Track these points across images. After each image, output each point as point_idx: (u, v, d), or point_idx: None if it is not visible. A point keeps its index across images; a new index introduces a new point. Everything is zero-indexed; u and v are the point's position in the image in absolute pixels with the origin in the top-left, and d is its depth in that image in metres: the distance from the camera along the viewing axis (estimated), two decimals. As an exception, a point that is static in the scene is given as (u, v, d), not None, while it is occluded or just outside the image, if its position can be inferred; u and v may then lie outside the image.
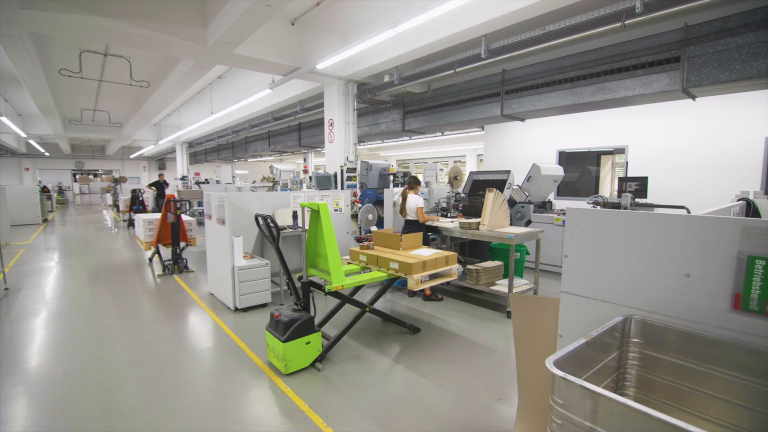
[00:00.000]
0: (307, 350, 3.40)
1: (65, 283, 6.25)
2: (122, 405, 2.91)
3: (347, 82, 7.14)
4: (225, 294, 5.08)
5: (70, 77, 8.35)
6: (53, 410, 2.85)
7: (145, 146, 22.58)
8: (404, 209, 5.51)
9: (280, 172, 17.40)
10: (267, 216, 3.55)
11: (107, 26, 4.73)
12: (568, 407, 1.32)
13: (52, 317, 4.75)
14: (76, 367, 3.49)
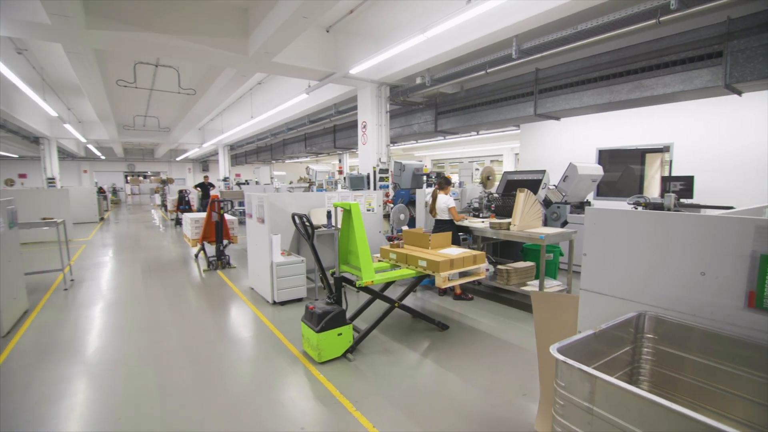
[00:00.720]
0: (339, 341, 3.66)
1: (121, 276, 6.93)
2: (174, 383, 3.30)
3: (380, 85, 7.39)
4: (264, 288, 5.47)
5: (126, 87, 9.19)
6: (116, 385, 3.29)
7: (190, 149, 24.01)
8: (434, 209, 5.64)
9: (315, 173, 17.97)
10: (303, 215, 3.85)
11: (159, 41, 5.26)
12: (569, 389, 1.47)
13: (111, 306, 5.34)
14: (134, 350, 3.96)
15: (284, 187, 14.72)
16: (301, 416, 2.83)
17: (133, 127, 15.60)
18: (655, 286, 2.05)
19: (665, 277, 2.02)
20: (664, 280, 2.03)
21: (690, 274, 1.94)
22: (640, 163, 8.75)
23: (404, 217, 7.11)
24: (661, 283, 2.04)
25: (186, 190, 13.44)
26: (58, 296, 5.77)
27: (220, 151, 21.53)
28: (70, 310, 5.17)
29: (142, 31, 5.05)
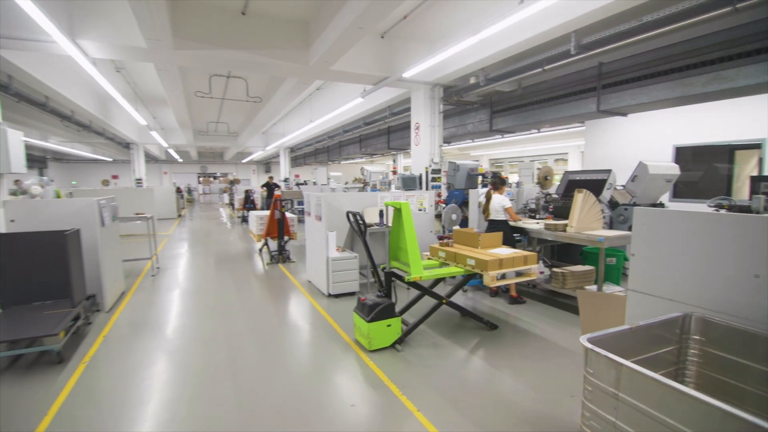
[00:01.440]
0: (388, 332, 3.92)
1: (196, 266, 7.80)
2: (243, 360, 3.77)
3: (433, 86, 7.55)
4: (320, 281, 5.90)
5: (202, 97, 10.26)
6: (195, 359, 3.82)
7: (254, 152, 25.81)
8: (488, 210, 5.64)
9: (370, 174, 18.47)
10: (356, 213, 4.17)
11: (232, 57, 5.91)
12: (596, 376, 1.57)
13: (189, 291, 6.08)
14: (209, 330, 4.53)
15: (340, 187, 15.35)
16: (351, 395, 3.13)
17: (207, 132, 17.21)
18: (704, 288, 2.04)
19: (715, 278, 2.01)
20: (714, 282, 2.02)
21: (742, 276, 1.92)
22: (728, 161, 7.98)
23: (456, 217, 7.21)
24: (710, 285, 2.03)
25: (251, 190, 14.58)
26: (146, 281, 6.68)
27: (281, 153, 22.90)
28: (156, 294, 5.98)
29: (219, 49, 5.72)
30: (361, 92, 8.35)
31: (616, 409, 1.50)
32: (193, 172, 35.81)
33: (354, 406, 2.98)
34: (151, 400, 3.12)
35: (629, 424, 1.45)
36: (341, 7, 4.81)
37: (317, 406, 2.99)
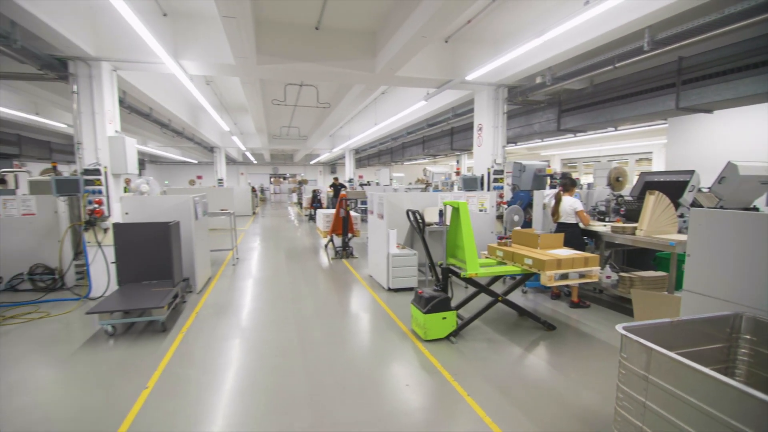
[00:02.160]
0: (444, 324, 4.16)
1: (269, 258, 8.63)
2: (310, 339, 4.25)
3: (497, 87, 7.60)
4: (381, 276, 6.29)
5: (278, 105, 11.25)
6: (270, 337, 4.39)
7: (321, 154, 27.21)
8: (557, 212, 5.50)
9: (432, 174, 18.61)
10: (416, 211, 4.48)
11: (306, 69, 6.55)
12: (629, 359, 1.72)
13: (263, 279, 6.81)
14: (281, 313, 5.12)
15: (402, 187, 15.74)
16: (406, 376, 3.44)
17: (280, 136, 18.62)
18: (759, 289, 2.05)
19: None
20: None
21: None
22: None
23: (518, 219, 7.20)
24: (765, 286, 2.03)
25: (318, 190, 15.53)
26: (228, 269, 7.58)
27: (346, 155, 23.91)
28: (237, 280, 6.80)
29: (295, 62, 6.38)
30: (424, 95, 8.64)
31: (646, 390, 1.63)
32: (265, 173, 38.61)
33: (408, 386, 3.29)
34: (235, 366, 3.70)
35: (657, 404, 1.58)
36: (406, 19, 5.15)
37: (374, 383, 3.35)
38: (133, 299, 4.62)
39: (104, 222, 5.90)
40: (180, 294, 5.32)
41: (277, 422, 2.83)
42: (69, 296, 5.92)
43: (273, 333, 4.49)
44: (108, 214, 5.92)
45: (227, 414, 2.94)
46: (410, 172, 33.15)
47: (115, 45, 5.68)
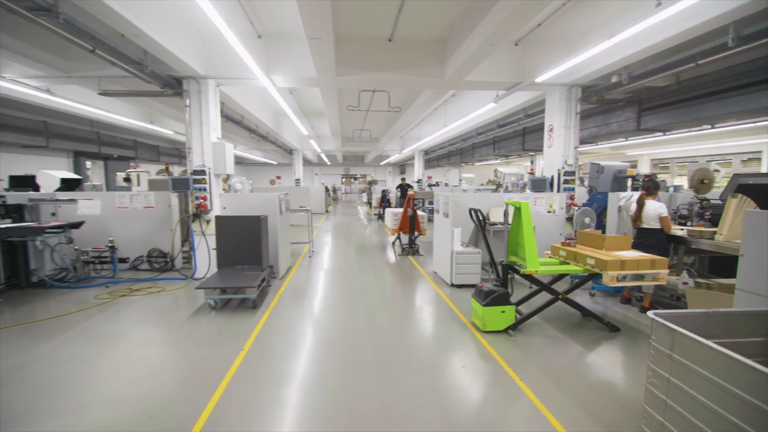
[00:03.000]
0: (502, 318, 4.43)
1: (341, 252, 9.40)
2: (377, 323, 4.77)
3: (570, 87, 7.53)
4: (444, 272, 6.64)
5: (352, 110, 12.08)
6: (343, 319, 4.99)
7: (391, 155, 28.03)
8: (640, 217, 5.26)
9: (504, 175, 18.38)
10: (477, 209, 4.79)
11: (380, 78, 7.13)
12: (657, 341, 1.94)
13: (335, 271, 7.52)
14: (352, 300, 5.72)
15: (472, 188, 15.80)
16: (463, 359, 3.80)
17: (352, 138, 19.69)
18: (812, 287, 2.11)
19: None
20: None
21: None
22: None
23: (589, 221, 7.09)
24: (819, 285, 2.09)
25: (387, 190, 16.21)
26: (305, 261, 8.45)
27: (416, 155, 24.39)
28: (312, 270, 7.60)
29: (370, 72, 7.01)
30: (493, 97, 8.80)
31: (670, 368, 1.85)
32: (337, 173, 40.60)
33: (464, 367, 3.65)
34: (313, 339, 4.34)
35: (679, 379, 1.80)
36: (474, 28, 5.46)
37: (433, 361, 3.76)
38: (230, 280, 5.52)
39: (207, 215, 7.01)
40: (266, 278, 6.19)
41: (347, 383, 3.37)
42: (177, 276, 7.12)
43: (344, 315, 5.11)
44: (210, 208, 7.03)
45: (307, 374, 3.55)
46: (481, 173, 32.70)
47: (219, 65, 6.75)
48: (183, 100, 6.96)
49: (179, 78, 6.80)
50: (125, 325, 4.80)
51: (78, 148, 13.48)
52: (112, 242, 6.99)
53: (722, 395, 1.59)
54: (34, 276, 6.44)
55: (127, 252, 7.50)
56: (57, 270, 6.72)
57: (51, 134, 11.87)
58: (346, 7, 5.81)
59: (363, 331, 4.59)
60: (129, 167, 17.71)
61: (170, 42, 5.50)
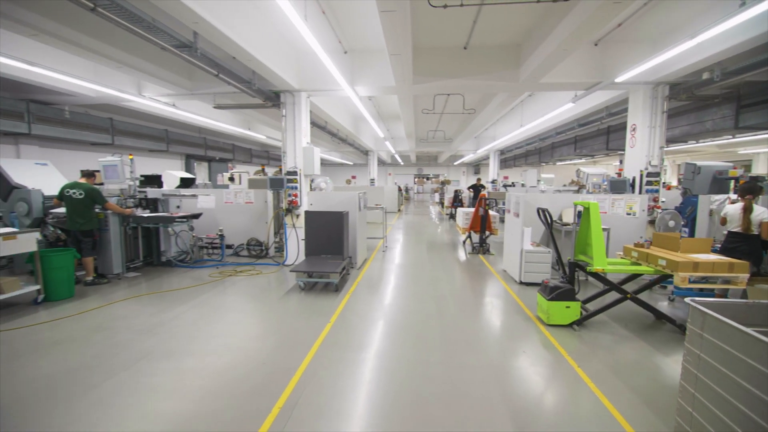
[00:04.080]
0: (567, 313, 4.68)
1: (412, 248, 9.99)
2: (445, 310, 5.28)
3: (655, 85, 7.30)
4: (514, 270, 6.91)
5: (427, 113, 12.62)
6: (414, 306, 5.57)
7: (465, 155, 28.03)
8: (748, 223, 4.95)
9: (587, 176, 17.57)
10: (545, 209, 5.06)
11: (455, 84, 7.61)
12: (691, 322, 2.23)
13: (407, 265, 8.13)
14: (422, 290, 6.28)
15: (551, 189, 15.44)
16: (524, 346, 4.16)
17: (426, 139, 20.23)
18: None
19: None
20: None
21: None
22: None
23: (674, 224, 6.85)
24: None
25: (460, 190, 16.47)
26: (379, 254, 9.20)
27: (491, 155, 24.16)
28: (386, 263, 8.30)
29: (445, 79, 7.51)
30: (571, 97, 8.76)
31: (701, 345, 2.12)
32: (410, 173, 41.40)
33: (525, 352, 4.02)
34: (387, 319, 4.98)
35: (706, 354, 2.07)
36: (550, 32, 5.68)
37: (496, 344, 4.18)
38: (317, 266, 6.40)
39: (297, 210, 8.06)
40: (346, 267, 7.00)
41: (417, 354, 3.95)
42: (271, 262, 8.27)
43: (415, 302, 5.69)
44: (300, 204, 8.06)
45: (382, 344, 4.19)
46: (562, 173, 31.21)
47: (310, 79, 7.73)
48: (280, 111, 8.07)
49: (277, 92, 7.92)
50: (235, 298, 5.88)
51: (189, 151, 15.79)
52: (221, 231, 8.35)
53: (741, 366, 1.87)
54: (163, 256, 7.98)
55: (231, 240, 8.86)
56: (179, 252, 8.23)
57: (170, 140, 14.14)
58: (424, 22, 6.38)
59: (432, 315, 5.13)
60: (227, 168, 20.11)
61: (273, 63, 6.53)
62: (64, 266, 5.80)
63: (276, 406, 3.05)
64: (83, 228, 6.39)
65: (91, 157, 11.66)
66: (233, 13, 5.15)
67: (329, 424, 2.87)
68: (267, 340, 4.38)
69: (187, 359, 3.86)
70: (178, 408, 3.05)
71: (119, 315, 5.10)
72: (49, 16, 5.06)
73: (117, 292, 6.15)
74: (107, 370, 3.64)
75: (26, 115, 8.98)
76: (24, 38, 5.92)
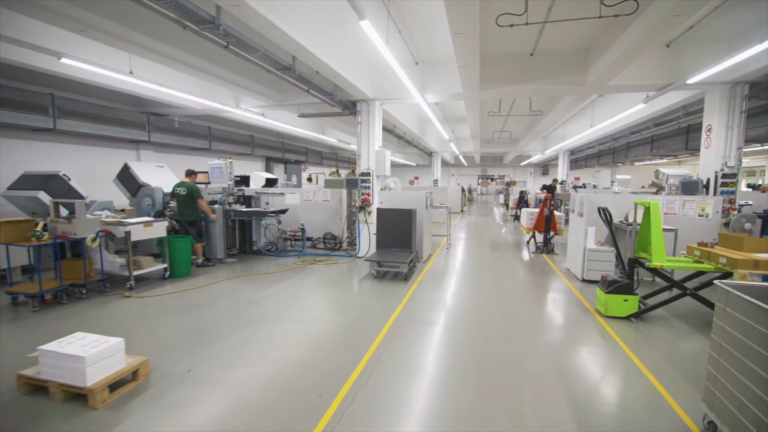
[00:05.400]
0: (624, 306, 5.01)
1: (475, 246, 10.48)
2: (506, 299, 5.81)
3: (733, 85, 7.14)
4: (577, 268, 7.19)
5: (492, 116, 13.00)
6: (476, 294, 6.16)
7: (533, 155, 27.54)
8: None
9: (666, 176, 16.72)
10: (605, 208, 5.41)
11: (521, 89, 8.03)
12: (718, 300, 2.65)
13: (469, 261, 8.68)
14: (484, 282, 6.83)
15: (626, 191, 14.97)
16: (580, 331, 4.61)
17: (491, 140, 20.39)
18: None
19: None
20: None
21: None
22: None
23: (749, 227, 6.72)
24: None
25: (526, 191, 16.51)
26: (443, 251, 9.83)
27: (560, 156, 23.58)
28: (449, 258, 8.92)
29: (511, 85, 7.97)
30: (643, 98, 8.74)
31: (725, 318, 2.54)
32: (473, 174, 41.22)
33: (580, 336, 4.48)
34: (451, 303, 5.64)
35: (729, 325, 2.49)
36: (617, 37, 5.95)
37: (552, 329, 4.68)
38: (388, 256, 7.21)
39: (369, 207, 8.96)
40: (413, 260, 7.74)
41: (479, 330, 4.58)
42: (344, 254, 9.25)
43: (477, 291, 6.28)
44: (372, 202, 8.96)
45: (447, 321, 4.87)
46: (641, 174, 29.36)
47: (384, 89, 8.60)
48: (355, 118, 9.04)
49: (354, 101, 8.90)
50: (318, 282, 6.88)
51: (269, 154, 17.55)
52: (303, 225, 9.52)
53: (756, 333, 2.31)
54: (254, 246, 9.31)
55: (309, 234, 10.02)
56: (267, 243, 9.52)
57: (255, 145, 15.90)
58: (492, 35, 6.92)
59: (493, 302, 5.70)
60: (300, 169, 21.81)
61: (354, 77, 7.47)
62: (184, 249, 7.19)
63: (363, 359, 3.87)
64: (189, 219, 7.76)
65: (190, 160, 13.61)
66: (325, 39, 6.13)
67: (407, 373, 3.62)
68: (349, 313, 5.26)
69: (288, 323, 4.85)
70: (289, 355, 3.99)
71: (228, 290, 6.30)
72: (186, 49, 6.36)
73: (221, 273, 7.46)
74: (231, 327, 4.72)
75: (147, 126, 10.87)
76: (158, 65, 7.44)
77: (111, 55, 7.07)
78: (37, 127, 8.25)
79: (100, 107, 9.58)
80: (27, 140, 8.89)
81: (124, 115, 10.21)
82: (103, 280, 6.11)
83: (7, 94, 7.67)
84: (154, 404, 3.06)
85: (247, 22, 4.64)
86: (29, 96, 8.04)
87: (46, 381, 3.02)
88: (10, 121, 7.75)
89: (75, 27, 4.96)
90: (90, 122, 9.27)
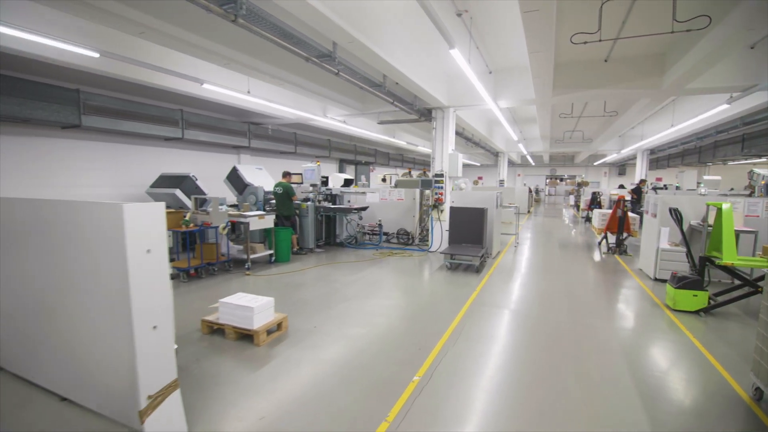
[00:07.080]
0: (693, 301, 5.32)
1: (542, 246, 10.82)
2: (573, 292, 6.31)
3: (828, 82, 6.93)
4: (649, 268, 7.40)
5: (564, 117, 13.14)
6: (543, 287, 6.70)
7: (608, 155, 26.43)
8: None
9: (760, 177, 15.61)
10: (676, 208, 5.73)
11: (594, 93, 8.32)
12: (764, 285, 3.10)
13: (537, 259, 9.11)
14: (552, 279, 7.32)
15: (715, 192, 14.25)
16: (648, 322, 5.06)
17: (562, 140, 20.15)
18: None
19: None
20: None
21: None
22: None
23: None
24: None
25: (599, 192, 16.26)
26: (511, 249, 10.33)
27: (638, 155, 22.49)
28: (517, 256, 9.42)
29: (584, 90, 8.31)
30: (726, 98, 8.59)
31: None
32: (541, 174, 40.11)
33: (647, 324, 4.93)
34: (520, 293, 6.27)
35: None
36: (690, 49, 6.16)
37: (620, 317, 5.17)
38: (460, 250, 7.95)
39: (441, 206, 9.75)
40: (484, 255, 8.40)
41: (548, 314, 5.21)
42: (417, 248, 10.12)
43: (546, 284, 6.82)
44: (444, 201, 9.74)
45: (518, 306, 5.54)
46: (732, 174, 26.92)
47: (458, 97, 9.34)
48: (431, 124, 9.88)
49: (430, 108, 9.74)
50: (397, 271, 7.81)
51: (343, 156, 18.95)
52: (380, 222, 10.56)
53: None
54: (337, 238, 10.51)
55: (385, 229, 11.03)
56: (348, 237, 10.69)
57: (332, 148, 17.35)
58: (566, 46, 7.37)
59: (561, 294, 6.24)
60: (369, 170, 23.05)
61: (432, 88, 8.31)
62: (286, 239, 8.51)
63: (449, 329, 4.70)
64: (284, 213, 9.09)
65: (279, 163, 15.30)
66: (411, 59, 7.04)
67: (488, 339, 4.39)
68: (430, 297, 6.12)
69: (381, 300, 5.82)
70: (387, 322, 4.93)
71: (323, 274, 7.44)
72: (291, 70, 7.62)
73: (312, 260, 8.68)
74: (334, 300, 5.79)
75: (248, 133, 12.58)
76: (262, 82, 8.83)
77: (230, 76, 8.59)
78: (168, 136, 10.10)
79: (215, 119, 11.37)
80: (160, 147, 10.84)
81: (231, 125, 11.96)
82: (228, 261, 7.55)
83: (147, 111, 9.54)
84: (297, 346, 4.15)
85: (354, 52, 5.67)
86: (165, 112, 9.89)
87: (223, 324, 4.24)
88: (150, 132, 9.61)
89: (220, 61, 6.35)
90: (207, 132, 11.06)
